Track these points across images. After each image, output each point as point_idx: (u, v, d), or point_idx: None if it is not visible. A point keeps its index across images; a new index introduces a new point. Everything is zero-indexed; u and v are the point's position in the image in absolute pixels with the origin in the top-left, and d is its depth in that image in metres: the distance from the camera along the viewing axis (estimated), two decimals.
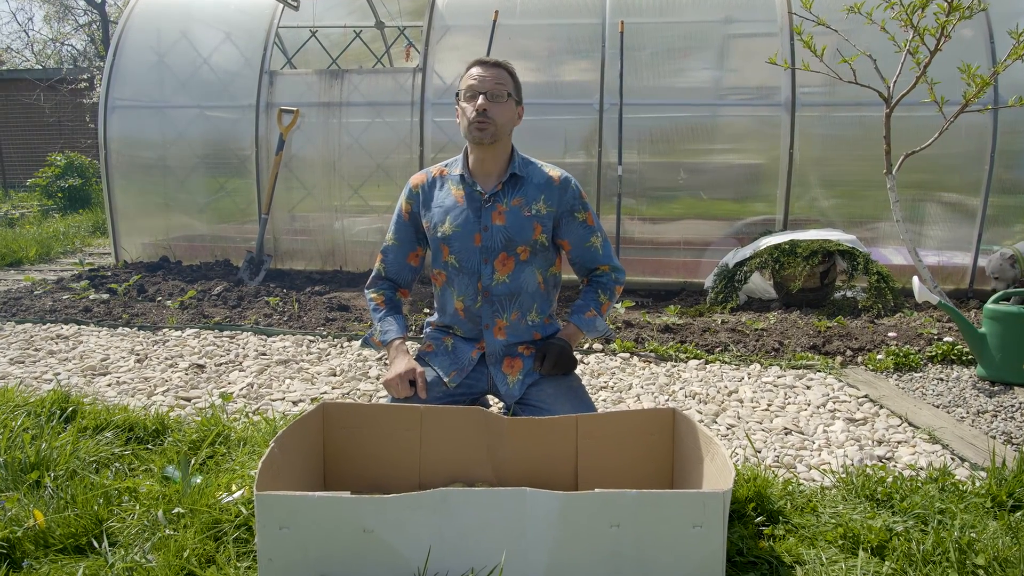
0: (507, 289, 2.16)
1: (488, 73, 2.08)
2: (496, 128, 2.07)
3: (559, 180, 2.17)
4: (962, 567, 1.65)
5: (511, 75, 2.12)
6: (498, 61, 2.12)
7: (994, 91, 4.70)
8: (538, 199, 2.15)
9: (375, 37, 7.04)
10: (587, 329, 2.21)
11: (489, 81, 2.07)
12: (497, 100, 2.07)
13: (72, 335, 3.99)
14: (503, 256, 2.14)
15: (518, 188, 2.15)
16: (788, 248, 4.47)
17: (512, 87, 2.11)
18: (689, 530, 1.51)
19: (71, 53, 19.79)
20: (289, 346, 3.77)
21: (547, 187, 2.16)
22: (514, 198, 2.14)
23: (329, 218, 5.77)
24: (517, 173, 2.16)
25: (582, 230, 2.20)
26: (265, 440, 2.34)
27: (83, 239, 8.15)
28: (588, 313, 2.21)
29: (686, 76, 5.30)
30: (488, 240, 2.13)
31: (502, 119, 2.08)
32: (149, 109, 5.94)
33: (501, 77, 2.09)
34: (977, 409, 2.85)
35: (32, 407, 2.59)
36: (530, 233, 2.13)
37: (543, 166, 2.21)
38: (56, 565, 1.70)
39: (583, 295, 2.25)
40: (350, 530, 1.51)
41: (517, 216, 2.13)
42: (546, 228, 2.16)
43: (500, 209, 2.13)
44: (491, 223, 2.13)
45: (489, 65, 2.09)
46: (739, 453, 2.46)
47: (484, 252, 2.14)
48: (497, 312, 2.18)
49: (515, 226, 2.13)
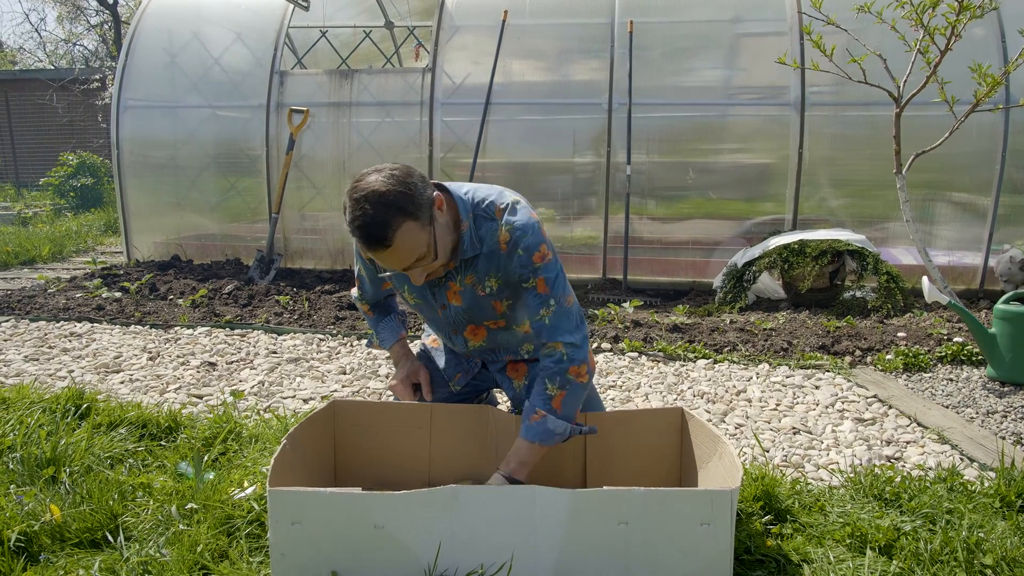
0: (488, 347, 2.00)
1: (388, 258, 1.63)
2: (440, 260, 1.72)
3: (506, 245, 1.76)
4: (970, 567, 1.65)
5: (408, 217, 1.58)
6: (382, 238, 1.58)
7: (1005, 90, 4.67)
8: (489, 273, 1.81)
9: (385, 37, 7.08)
10: (540, 439, 1.74)
11: (404, 259, 1.64)
12: (416, 268, 1.69)
13: (85, 333, 4.03)
14: (471, 328, 1.95)
15: (471, 264, 1.82)
16: (797, 248, 4.46)
17: (419, 230, 1.62)
18: (697, 528, 1.52)
19: (83, 53, 19.94)
20: (299, 344, 3.80)
21: (494, 256, 1.79)
22: (467, 275, 1.83)
23: (339, 217, 5.75)
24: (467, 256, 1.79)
25: (532, 300, 1.78)
26: (276, 437, 2.37)
27: (95, 238, 8.22)
28: (533, 417, 1.75)
29: (695, 75, 5.30)
30: (449, 317, 1.93)
31: (446, 252, 1.74)
32: (161, 109, 5.99)
33: (408, 245, 1.61)
34: (987, 410, 2.84)
35: (47, 404, 2.62)
36: (491, 311, 1.87)
37: (497, 226, 1.77)
38: (72, 559, 1.73)
39: (532, 391, 1.81)
40: (361, 526, 1.53)
41: (472, 296, 1.85)
42: (508, 300, 1.86)
43: (454, 288, 1.85)
44: (448, 302, 1.89)
45: (382, 248, 1.60)
46: (747, 452, 2.47)
47: (451, 325, 1.95)
48: (486, 358, 2.09)
49: (473, 307, 1.87)
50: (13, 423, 2.42)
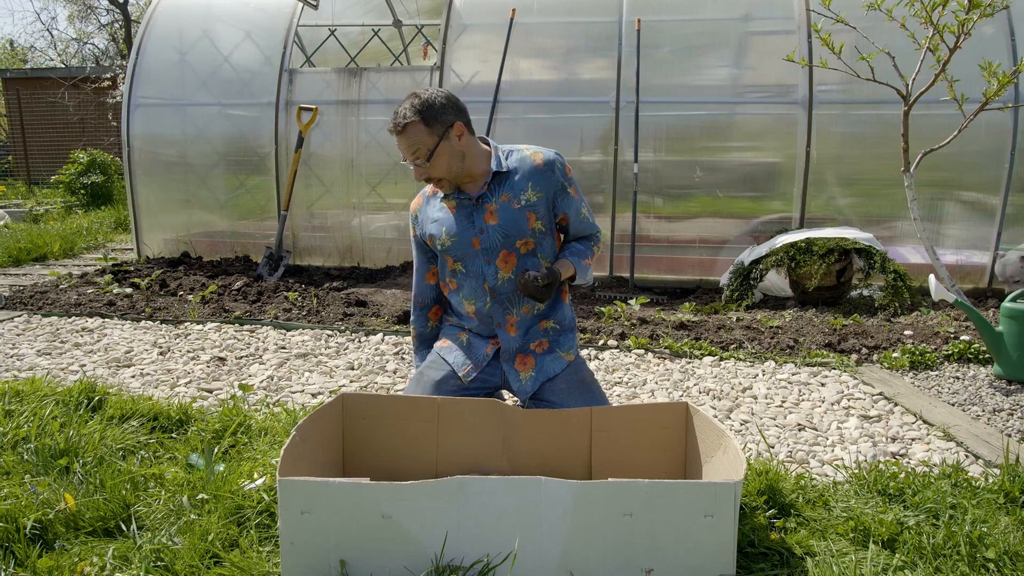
0: (513, 285, 2.19)
1: (401, 144, 2.05)
2: (446, 177, 2.08)
3: (543, 163, 2.15)
4: (972, 560, 1.66)
5: (421, 121, 2.01)
6: (398, 123, 2.03)
7: (1015, 89, 4.66)
8: (525, 188, 2.14)
9: (393, 35, 7.11)
10: (580, 273, 2.26)
11: (406, 151, 2.05)
12: (423, 162, 2.04)
13: (97, 328, 4.08)
14: (504, 254, 2.15)
15: (504, 184, 2.15)
16: (804, 246, 4.46)
17: (426, 135, 2.02)
18: (701, 519, 1.54)
19: (93, 52, 20.08)
20: (308, 340, 3.83)
21: (532, 174, 2.15)
22: (502, 194, 2.15)
23: (347, 215, 5.83)
24: (500, 171, 2.14)
25: (573, 201, 2.22)
26: (285, 430, 2.40)
27: (105, 235, 8.29)
28: (586, 260, 2.26)
29: (703, 74, 5.30)
30: (486, 241, 2.15)
31: (443, 168, 2.06)
32: (171, 107, 6.03)
33: (411, 143, 2.03)
34: (993, 407, 2.84)
35: (60, 397, 2.66)
36: (525, 224, 2.14)
37: (524, 152, 2.19)
38: (87, 546, 1.76)
39: (580, 242, 2.28)
40: (369, 515, 1.56)
41: (508, 211, 2.13)
42: (540, 214, 2.16)
43: (491, 208, 2.14)
44: (485, 224, 2.14)
45: (397, 133, 2.04)
46: (752, 448, 2.48)
47: (485, 253, 2.16)
48: (507, 309, 2.21)
49: (508, 221, 2.13)
50: (27, 415, 2.46)
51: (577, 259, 2.24)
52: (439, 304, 2.37)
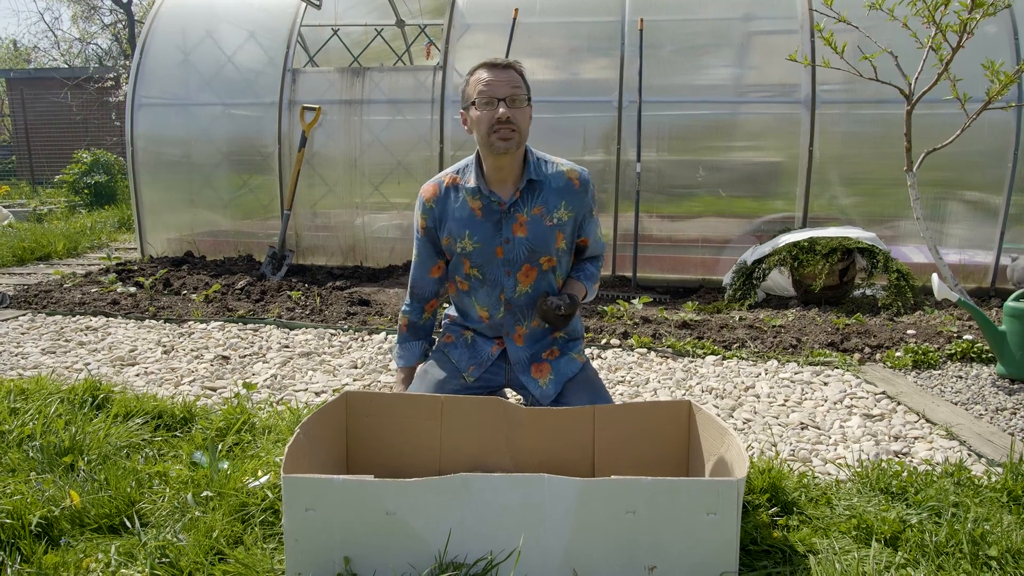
0: (529, 299, 2.14)
1: (502, 77, 1.97)
2: (521, 136, 1.99)
3: (579, 183, 2.11)
4: (975, 559, 1.66)
5: (522, 75, 2.03)
6: (508, 62, 2.01)
7: (1018, 88, 4.65)
8: (559, 206, 2.08)
9: (396, 35, 7.11)
10: (590, 294, 2.28)
11: (505, 86, 1.97)
12: (517, 105, 1.98)
13: (101, 327, 4.09)
14: (526, 268, 2.10)
15: (537, 195, 2.07)
16: (807, 246, 4.46)
17: (526, 88, 2.03)
18: (704, 517, 1.55)
19: (97, 52, 20.12)
20: (311, 339, 3.84)
21: (567, 192, 2.09)
22: (535, 206, 2.07)
23: (350, 214, 5.84)
24: (534, 178, 2.08)
25: (596, 225, 2.24)
26: (289, 428, 2.40)
27: (109, 234, 8.31)
28: (595, 284, 2.29)
29: (705, 73, 5.30)
30: (510, 252, 2.08)
31: (525, 124, 2.01)
32: (174, 106, 6.05)
33: (515, 80, 1.99)
34: (996, 406, 2.84)
35: (64, 395, 2.67)
36: (552, 243, 2.09)
37: (558, 165, 2.13)
38: (92, 543, 1.77)
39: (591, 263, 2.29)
40: (373, 513, 1.56)
41: (539, 226, 2.07)
42: (567, 234, 2.11)
43: (521, 220, 2.07)
44: (512, 235, 2.07)
45: (500, 68, 1.99)
46: (755, 446, 2.49)
47: (506, 264, 2.10)
48: (519, 320, 2.19)
49: (537, 237, 2.07)
50: (32, 413, 2.47)
51: (590, 283, 2.23)
52: (437, 298, 2.31)
